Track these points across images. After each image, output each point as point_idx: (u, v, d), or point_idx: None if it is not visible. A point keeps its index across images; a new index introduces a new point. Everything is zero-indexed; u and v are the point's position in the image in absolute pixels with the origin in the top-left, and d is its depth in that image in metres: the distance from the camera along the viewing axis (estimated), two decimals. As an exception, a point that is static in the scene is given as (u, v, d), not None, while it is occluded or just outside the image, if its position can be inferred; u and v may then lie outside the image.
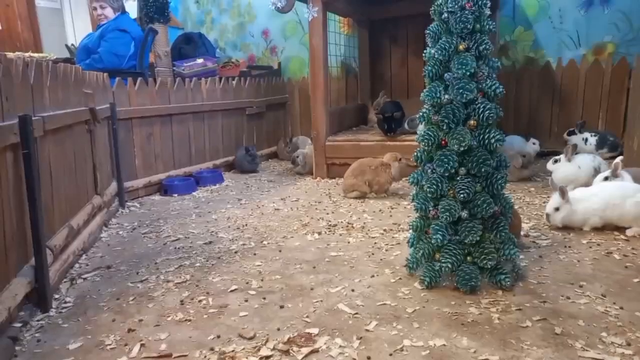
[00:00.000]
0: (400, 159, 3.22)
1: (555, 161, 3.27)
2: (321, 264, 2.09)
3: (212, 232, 2.63)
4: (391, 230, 2.54)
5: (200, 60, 4.58)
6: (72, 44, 5.61)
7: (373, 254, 2.20)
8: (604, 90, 4.38)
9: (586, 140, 4.02)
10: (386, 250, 2.24)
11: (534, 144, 4.18)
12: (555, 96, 4.58)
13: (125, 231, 2.73)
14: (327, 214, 2.90)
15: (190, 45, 5.12)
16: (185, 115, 3.90)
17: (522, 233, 2.26)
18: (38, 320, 1.65)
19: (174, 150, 3.83)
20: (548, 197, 3.04)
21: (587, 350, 1.35)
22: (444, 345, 1.41)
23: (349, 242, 2.37)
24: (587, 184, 3.13)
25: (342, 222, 2.71)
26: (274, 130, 5.27)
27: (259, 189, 3.72)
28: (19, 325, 1.56)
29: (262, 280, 1.94)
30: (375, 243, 2.34)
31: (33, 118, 1.70)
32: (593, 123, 4.42)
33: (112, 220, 2.93)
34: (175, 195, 3.54)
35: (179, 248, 2.40)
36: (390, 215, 2.82)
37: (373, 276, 1.94)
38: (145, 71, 4.05)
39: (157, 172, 3.67)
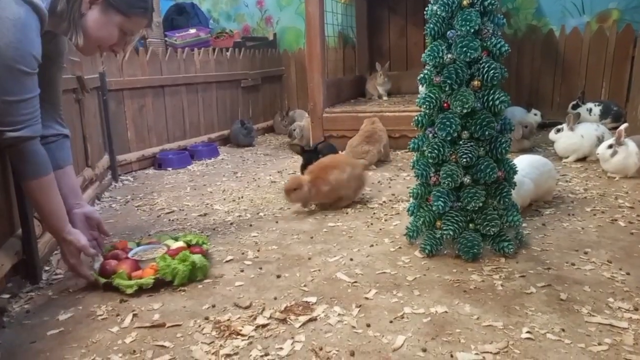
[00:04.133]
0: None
1: (558, 131, 3.20)
2: (319, 234, 2.04)
3: (207, 204, 2.57)
4: (390, 201, 2.48)
5: (192, 31, 4.44)
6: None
7: (372, 224, 2.14)
8: (607, 59, 4.28)
9: (590, 110, 3.94)
10: (385, 220, 2.19)
11: (535, 115, 4.10)
12: (558, 66, 4.48)
13: (118, 204, 2.66)
14: (325, 185, 2.83)
15: (182, 16, 4.97)
16: (178, 86, 3.80)
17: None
18: (27, 292, 1.60)
19: (168, 123, 3.74)
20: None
21: (593, 315, 1.31)
22: (446, 312, 1.37)
23: (347, 213, 2.31)
24: (590, 153, 3.08)
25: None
26: (270, 103, 5.17)
27: (255, 162, 3.65)
28: (6, 296, 1.51)
29: (258, 250, 1.89)
30: (374, 213, 2.28)
31: (14, 82, 1.61)
32: (596, 92, 4.33)
33: (104, 193, 2.86)
34: (170, 169, 3.47)
35: (173, 220, 2.34)
36: (389, 187, 2.76)
37: (372, 245, 1.89)
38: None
39: (151, 146, 3.59)
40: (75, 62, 2.51)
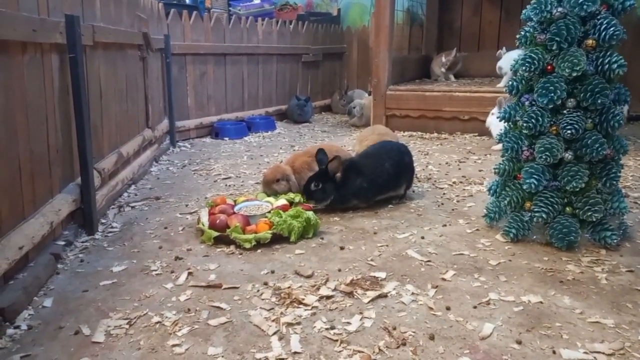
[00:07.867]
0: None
1: (655, 120, 2.84)
2: (383, 210, 1.88)
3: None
4: (461, 182, 2.27)
5: (257, 1, 4.35)
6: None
7: (442, 204, 1.95)
8: None
9: None
10: (457, 201, 1.99)
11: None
12: (653, 52, 4.00)
13: (176, 167, 2.62)
14: (388, 163, 2.65)
15: (247, -12, 4.88)
16: (240, 56, 3.72)
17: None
18: (83, 242, 1.55)
19: (227, 93, 3.67)
20: (645, 159, 2.66)
21: None
22: (541, 302, 1.17)
23: (413, 191, 2.13)
24: (694, 147, 2.70)
25: (404, 171, 2.46)
26: (330, 81, 5.01)
27: (312, 137, 3.52)
28: (62, 243, 1.46)
29: (319, 220, 1.75)
30: (444, 194, 2.09)
31: (82, 24, 1.55)
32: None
33: (162, 157, 2.83)
34: (227, 138, 3.41)
35: (230, 185, 2.25)
36: (459, 169, 2.54)
37: (445, 225, 1.70)
38: (200, 6, 3.87)
39: (209, 115, 3.54)
40: (142, 19, 2.46)
